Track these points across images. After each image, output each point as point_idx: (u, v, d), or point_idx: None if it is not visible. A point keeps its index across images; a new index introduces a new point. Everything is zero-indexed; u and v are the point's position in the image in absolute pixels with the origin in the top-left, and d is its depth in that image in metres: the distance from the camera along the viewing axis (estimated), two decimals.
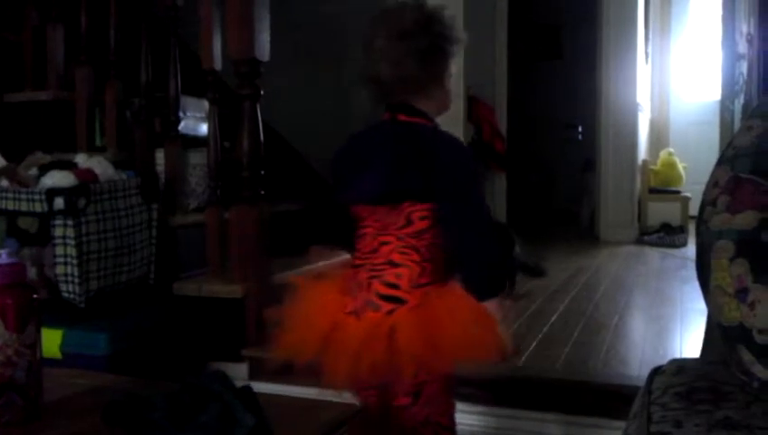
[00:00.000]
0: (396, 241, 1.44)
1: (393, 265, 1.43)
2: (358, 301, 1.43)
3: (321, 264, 1.68)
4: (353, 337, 1.38)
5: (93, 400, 1.21)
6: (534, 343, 2.46)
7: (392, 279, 1.42)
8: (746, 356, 1.09)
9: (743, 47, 2.98)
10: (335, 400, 1.34)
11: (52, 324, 2.10)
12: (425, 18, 1.45)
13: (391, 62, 1.43)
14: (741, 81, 2.98)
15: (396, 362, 1.34)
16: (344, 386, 1.44)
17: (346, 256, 1.56)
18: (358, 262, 1.49)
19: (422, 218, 1.44)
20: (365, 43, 1.48)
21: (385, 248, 1.45)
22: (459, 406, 2.10)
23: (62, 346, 2.09)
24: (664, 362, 1.24)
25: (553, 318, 2.83)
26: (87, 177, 2.28)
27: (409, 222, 1.44)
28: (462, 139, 3.50)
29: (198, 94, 2.81)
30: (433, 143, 1.45)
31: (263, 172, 2.44)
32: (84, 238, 2.17)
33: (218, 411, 0.99)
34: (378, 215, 1.47)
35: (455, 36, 1.48)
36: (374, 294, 1.42)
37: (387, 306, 1.40)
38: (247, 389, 1.07)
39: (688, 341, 2.46)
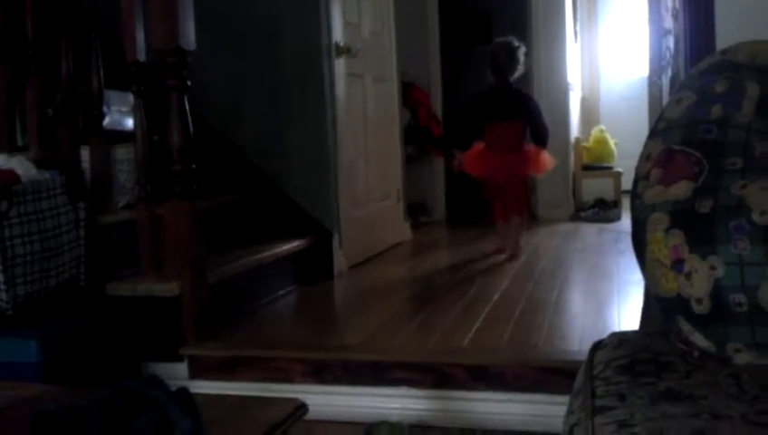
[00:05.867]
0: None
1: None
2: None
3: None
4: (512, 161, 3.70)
5: (23, 412, 1.15)
6: (477, 324, 2.47)
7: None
8: (685, 326, 1.10)
9: (669, 22, 3.04)
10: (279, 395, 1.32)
11: None
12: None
13: None
14: (668, 55, 3.04)
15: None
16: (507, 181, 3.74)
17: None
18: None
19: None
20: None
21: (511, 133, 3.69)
22: (402, 391, 2.09)
23: None
24: (604, 335, 1.25)
25: (495, 297, 2.85)
26: (8, 178, 2.18)
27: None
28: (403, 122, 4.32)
29: (123, 87, 2.71)
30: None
31: (194, 165, 2.37)
32: (8, 243, 2.07)
33: (154, 417, 0.95)
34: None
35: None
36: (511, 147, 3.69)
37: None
38: (184, 391, 1.03)
39: (626, 313, 2.51)
